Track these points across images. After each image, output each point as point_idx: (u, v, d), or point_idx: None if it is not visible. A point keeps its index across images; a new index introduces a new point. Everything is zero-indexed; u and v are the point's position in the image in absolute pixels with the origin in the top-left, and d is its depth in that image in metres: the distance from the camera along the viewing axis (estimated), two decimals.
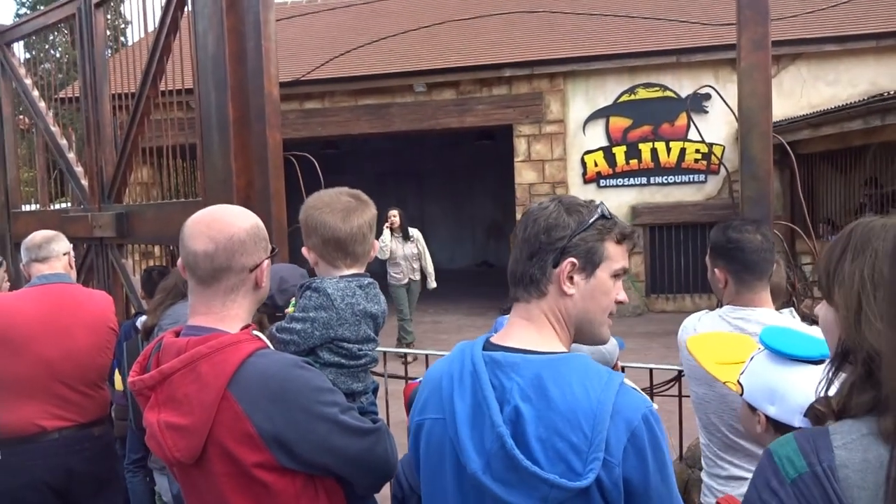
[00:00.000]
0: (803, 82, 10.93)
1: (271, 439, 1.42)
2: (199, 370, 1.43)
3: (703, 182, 11.23)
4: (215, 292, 1.52)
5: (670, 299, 11.45)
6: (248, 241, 1.53)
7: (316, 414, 1.45)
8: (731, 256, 2.19)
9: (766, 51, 2.65)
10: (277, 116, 3.03)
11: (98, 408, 2.99)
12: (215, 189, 3.02)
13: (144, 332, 2.73)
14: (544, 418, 1.19)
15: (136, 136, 3.84)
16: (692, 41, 10.94)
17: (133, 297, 3.88)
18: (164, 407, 1.46)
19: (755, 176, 2.73)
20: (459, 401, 1.26)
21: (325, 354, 1.62)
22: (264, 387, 1.42)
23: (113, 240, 3.97)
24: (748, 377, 1.59)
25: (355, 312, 1.62)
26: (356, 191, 1.76)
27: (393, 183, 17.68)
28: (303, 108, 11.99)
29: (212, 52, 3.00)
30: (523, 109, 11.49)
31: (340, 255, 1.69)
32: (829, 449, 0.99)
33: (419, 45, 12.19)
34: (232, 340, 1.46)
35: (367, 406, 1.72)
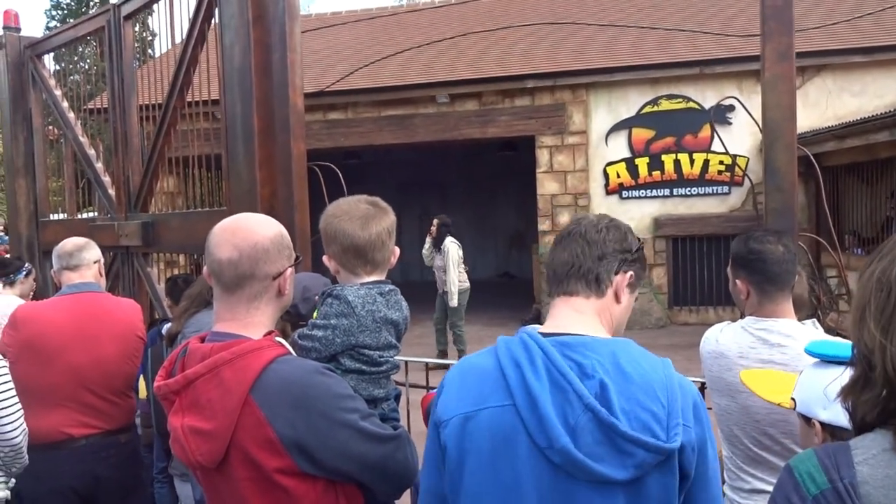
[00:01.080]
0: (829, 93, 10.82)
1: (292, 445, 1.43)
2: (222, 376, 1.45)
3: (726, 194, 11.14)
4: (239, 299, 1.54)
5: (693, 311, 11.34)
6: (272, 249, 1.54)
7: (337, 420, 1.46)
8: (753, 268, 2.17)
9: (790, 62, 2.63)
10: (302, 127, 3.06)
11: (124, 415, 3.02)
12: (240, 198, 3.06)
13: (168, 339, 2.76)
14: (625, 391, 1.26)
15: (163, 146, 3.90)
16: (715, 52, 10.88)
17: (157, 305, 3.92)
18: (188, 411, 1.48)
19: (780, 188, 2.71)
20: (536, 382, 1.27)
21: (346, 361, 1.63)
22: (286, 393, 1.44)
23: (139, 248, 4.02)
24: (799, 389, 1.59)
25: (376, 319, 1.63)
26: (375, 198, 1.77)
27: (415, 193, 17.73)
28: (326, 118, 12.08)
29: (238, 63, 3.04)
30: (546, 120, 11.48)
31: (360, 262, 1.70)
32: (849, 465, 0.98)
33: (442, 56, 12.25)
34: (254, 347, 1.48)
35: (389, 413, 1.72)
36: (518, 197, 16.81)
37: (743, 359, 2.15)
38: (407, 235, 18.11)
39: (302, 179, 3.05)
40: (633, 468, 1.21)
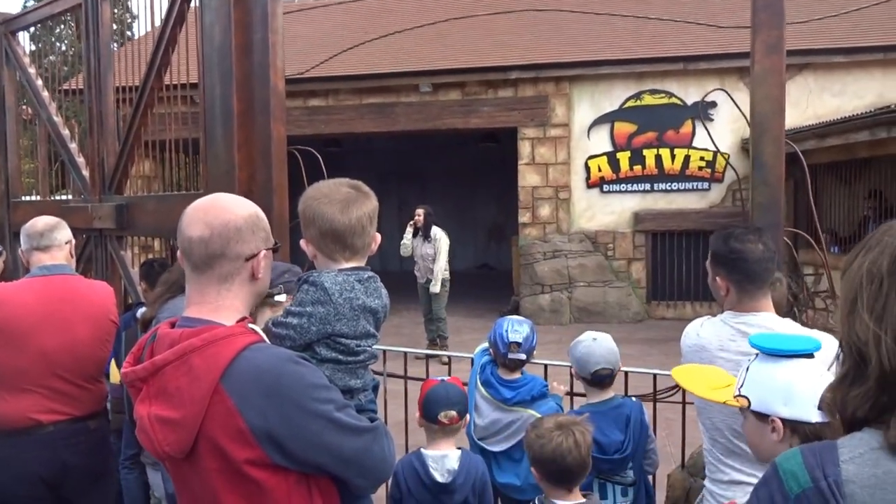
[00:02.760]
0: (809, 92, 10.90)
1: (263, 436, 1.39)
2: (191, 363, 1.40)
3: (706, 190, 11.20)
4: (209, 280, 1.50)
5: (671, 306, 11.41)
6: (245, 229, 1.51)
7: (310, 411, 1.42)
8: (733, 266, 2.18)
9: (780, 55, 2.61)
10: (282, 109, 2.99)
11: (94, 401, 2.95)
12: (217, 181, 2.99)
13: (142, 325, 2.70)
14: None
15: (139, 127, 3.81)
16: (699, 49, 10.92)
17: (131, 290, 3.85)
18: (156, 400, 1.43)
19: (766, 182, 2.70)
20: None
21: (321, 350, 1.58)
22: (257, 382, 1.39)
23: (112, 231, 3.94)
24: (751, 386, 1.55)
25: (354, 307, 1.58)
26: (357, 182, 1.70)
27: (396, 183, 17.65)
28: (307, 105, 11.96)
29: (218, 43, 2.97)
30: (528, 112, 11.47)
31: (339, 247, 1.63)
32: (835, 463, 0.96)
33: (426, 44, 12.17)
34: (226, 333, 1.43)
35: (366, 404, 1.67)
36: (499, 189, 16.80)
37: (723, 351, 2.16)
38: (386, 225, 18.03)
39: (281, 163, 2.98)
40: None
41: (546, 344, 3.48)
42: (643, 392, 3.57)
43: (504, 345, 3.01)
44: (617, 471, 2.85)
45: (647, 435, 2.91)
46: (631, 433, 2.81)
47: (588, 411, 2.76)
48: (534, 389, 3.01)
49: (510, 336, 3.02)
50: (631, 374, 3.42)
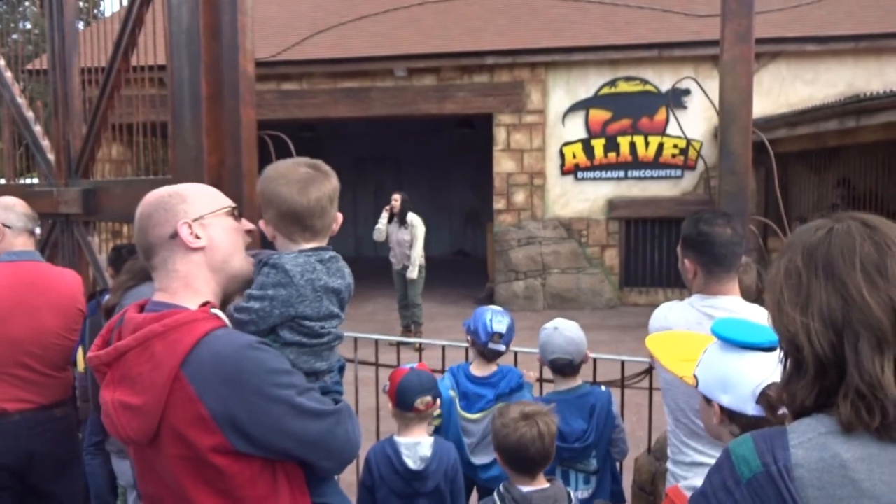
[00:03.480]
0: (782, 81, 11.02)
1: (225, 422, 1.39)
2: (153, 349, 1.41)
3: (679, 177, 11.30)
4: (157, 270, 1.56)
5: (643, 293, 11.53)
6: (155, 213, 1.54)
7: (271, 396, 1.42)
8: (701, 249, 2.24)
9: (749, 44, 2.64)
10: (252, 94, 2.96)
11: (61, 389, 2.92)
12: (186, 167, 2.95)
13: (105, 313, 2.67)
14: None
15: (106, 109, 3.75)
16: (674, 36, 10.97)
17: (99, 276, 3.80)
18: (119, 385, 1.43)
19: (734, 171, 2.73)
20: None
21: (285, 333, 1.57)
22: (218, 368, 1.40)
23: (79, 216, 3.88)
24: (702, 368, 1.60)
25: (316, 288, 1.56)
26: (316, 161, 1.68)
27: (371, 168, 17.58)
28: (280, 88, 11.84)
29: (186, 24, 2.92)
30: (504, 98, 11.46)
31: (298, 229, 1.61)
32: (784, 448, 1.00)
33: (401, 28, 12.09)
34: (188, 319, 1.43)
35: (331, 385, 1.67)
36: (474, 175, 16.80)
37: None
38: (362, 210, 17.97)
39: (251, 148, 2.95)
40: None
41: (520, 331, 3.49)
42: (612, 378, 3.62)
43: (487, 334, 2.97)
44: (579, 459, 2.86)
45: (614, 424, 2.92)
46: (595, 422, 2.83)
47: (553, 399, 2.78)
48: (512, 381, 3.00)
49: (494, 326, 2.98)
50: (600, 361, 3.46)
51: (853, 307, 1.02)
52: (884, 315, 1.01)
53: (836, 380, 1.02)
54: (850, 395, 0.99)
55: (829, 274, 1.05)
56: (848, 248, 1.05)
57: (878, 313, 1.01)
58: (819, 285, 1.05)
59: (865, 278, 1.03)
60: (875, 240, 1.05)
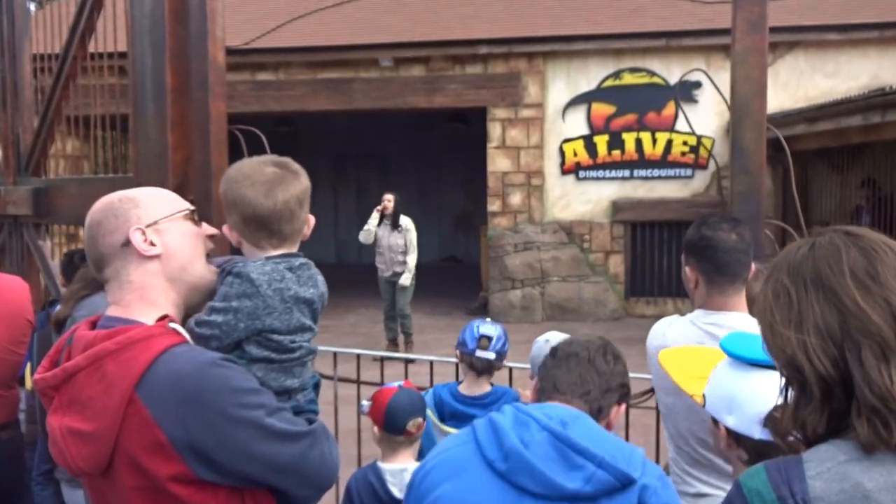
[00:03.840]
0: (800, 73, 11.09)
1: (185, 448, 1.37)
2: (105, 369, 1.39)
3: (689, 177, 11.35)
4: (110, 281, 1.56)
5: (651, 303, 11.56)
6: (105, 220, 1.55)
7: (236, 418, 1.40)
8: (702, 255, 2.22)
9: (762, 33, 2.65)
10: (222, 85, 2.95)
11: (6, 409, 2.90)
12: (148, 164, 2.94)
13: (56, 325, 2.65)
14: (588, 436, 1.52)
15: (60, 101, 3.73)
16: (683, 24, 11.03)
17: (51, 284, 3.78)
18: (68, 410, 1.41)
19: (746, 170, 2.74)
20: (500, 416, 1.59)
21: (252, 349, 1.55)
22: (177, 388, 1.38)
23: (29, 218, 3.86)
24: (709, 387, 1.61)
25: (285, 299, 1.55)
26: (285, 159, 1.66)
27: (353, 166, 17.58)
28: (255, 79, 11.83)
29: (149, 9, 2.92)
30: (499, 91, 11.49)
31: (264, 234, 1.59)
32: (801, 479, 1.00)
33: (387, 14, 12.11)
34: (143, 335, 1.42)
35: (305, 404, 1.65)
36: (466, 174, 16.82)
37: None
38: (343, 213, 17.96)
39: (221, 144, 2.94)
40: (583, 480, 1.32)
41: (516, 344, 3.48)
42: None
43: (473, 339, 2.95)
44: None
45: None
46: None
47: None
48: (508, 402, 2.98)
49: (480, 329, 2.97)
50: None
51: (849, 316, 1.04)
52: (882, 320, 1.03)
53: (845, 400, 1.03)
54: (864, 412, 1.00)
55: (818, 286, 1.08)
56: (834, 258, 1.09)
57: (876, 319, 1.03)
58: (810, 300, 1.08)
59: (857, 284, 1.06)
60: (860, 246, 1.09)
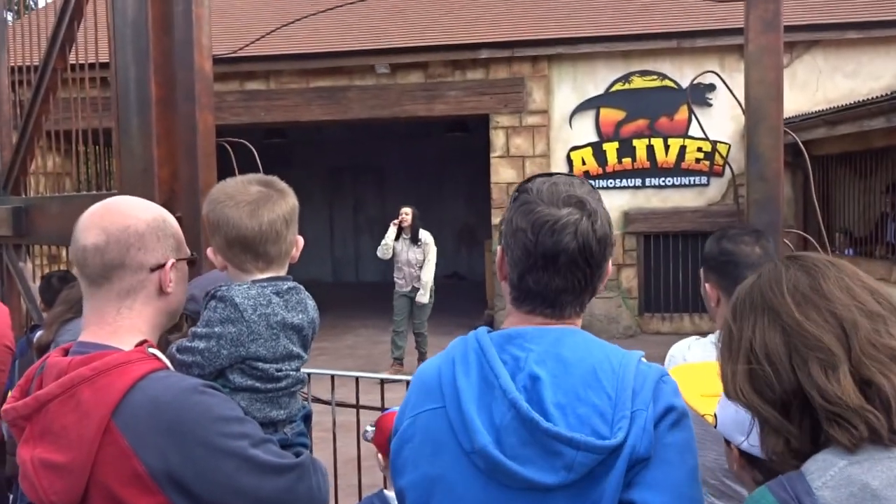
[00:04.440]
0: (819, 73, 11.12)
1: (165, 479, 1.37)
2: (80, 397, 1.38)
3: (704, 185, 11.36)
4: (107, 296, 1.50)
5: (666, 319, 11.54)
6: (148, 235, 1.51)
7: (219, 448, 1.40)
8: (724, 271, 2.19)
9: (777, 32, 2.67)
10: (210, 96, 2.97)
11: None
12: (133, 180, 2.96)
13: (38, 350, 2.66)
14: (563, 384, 1.27)
15: (40, 115, 3.76)
16: (695, 24, 11.07)
17: (32, 308, 3.79)
18: (40, 441, 1.40)
19: (763, 176, 2.75)
20: (464, 379, 1.32)
21: (235, 377, 1.55)
22: (156, 417, 1.38)
23: (8, 239, 3.88)
24: (719, 407, 1.60)
25: (271, 325, 1.55)
26: (270, 177, 1.67)
27: (349, 179, 17.62)
28: (244, 89, 11.89)
29: (132, 17, 2.94)
30: (502, 97, 11.53)
31: (249, 257, 1.61)
32: (809, 492, 1.05)
33: (383, 18, 12.18)
34: (120, 361, 1.42)
35: (292, 437, 1.65)
36: (469, 185, 16.85)
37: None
38: (339, 229, 18.00)
39: (209, 158, 2.96)
40: (564, 470, 1.22)
41: None
42: None
43: None
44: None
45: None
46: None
47: None
48: None
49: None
50: None
51: (792, 334, 1.15)
52: (825, 332, 1.13)
53: (809, 413, 1.12)
54: (829, 417, 1.08)
55: (763, 310, 1.20)
56: (776, 280, 1.21)
57: (815, 332, 1.13)
58: (752, 325, 1.19)
59: (797, 301, 1.17)
60: (802, 265, 1.21)
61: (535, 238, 1.32)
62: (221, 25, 10.69)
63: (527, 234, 1.32)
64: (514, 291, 1.40)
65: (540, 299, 1.37)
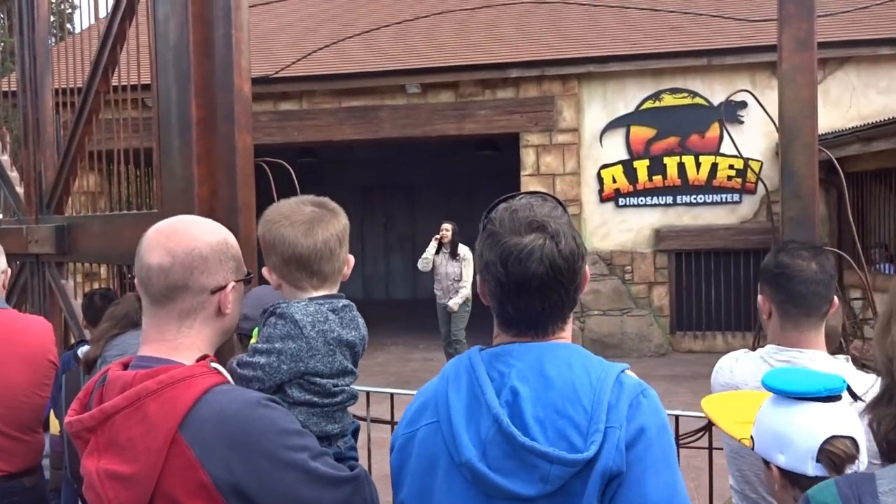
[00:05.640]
0: (852, 90, 11.03)
1: (229, 490, 1.41)
2: (146, 410, 1.42)
3: (737, 202, 11.28)
4: (169, 315, 1.53)
5: (698, 337, 11.44)
6: (212, 258, 1.54)
7: (282, 460, 1.44)
8: (777, 284, 2.17)
9: (811, 51, 2.67)
10: (248, 117, 3.02)
11: (31, 455, 2.94)
12: (174, 199, 3.01)
13: (86, 365, 2.71)
14: (542, 398, 1.33)
15: (83, 137, 3.84)
16: (726, 41, 11.04)
17: (73, 324, 3.85)
18: (106, 452, 1.44)
19: (798, 194, 2.74)
20: (454, 396, 1.39)
21: (294, 392, 1.60)
22: (221, 429, 1.42)
23: (51, 257, 3.95)
24: (756, 427, 1.61)
25: (328, 341, 1.60)
26: (323, 199, 1.73)
27: (380, 197, 17.69)
28: (277, 109, 12.03)
29: (174, 41, 3.01)
30: (532, 116, 11.56)
31: (305, 275, 1.66)
32: (873, 494, 1.03)
33: (413, 39, 12.27)
34: (185, 375, 1.46)
35: (346, 451, 1.70)
36: None
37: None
38: (370, 246, 18.07)
39: (248, 178, 3.01)
40: (540, 482, 1.27)
41: None
42: None
43: None
44: None
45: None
46: None
47: None
48: None
49: None
50: None
51: None
52: None
53: None
54: None
55: None
56: None
57: None
58: None
59: None
60: None
61: (504, 270, 1.38)
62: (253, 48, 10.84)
63: (496, 266, 1.39)
64: (498, 318, 1.47)
65: (523, 325, 1.43)
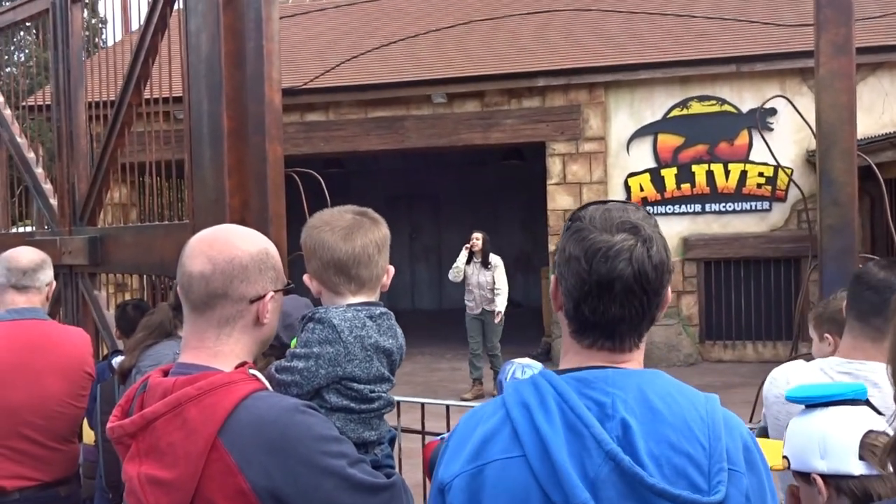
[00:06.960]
0: (885, 96, 10.90)
1: (268, 496, 1.42)
2: (186, 415, 1.44)
3: (767, 210, 11.17)
4: (209, 322, 1.55)
5: (728, 347, 11.32)
6: (252, 268, 1.55)
7: (321, 467, 1.44)
8: (855, 293, 2.13)
9: (849, 56, 2.64)
10: (279, 128, 3.05)
11: (66, 464, 2.97)
12: (205, 210, 3.04)
13: (120, 375, 2.72)
14: (654, 433, 1.22)
15: (116, 149, 3.88)
16: (755, 48, 10.96)
17: (106, 335, 3.89)
18: (147, 458, 1.46)
19: (837, 201, 2.71)
20: (547, 427, 1.24)
21: (331, 397, 1.61)
22: (260, 435, 1.43)
23: (85, 268, 4.00)
24: (789, 444, 1.61)
25: (365, 347, 1.61)
26: (365, 208, 1.79)
27: (406, 207, 17.72)
28: (304, 120, 12.11)
29: (205, 53, 3.04)
30: (558, 125, 11.53)
31: (343, 279, 1.69)
32: None
33: (438, 49, 12.31)
34: (224, 381, 1.47)
35: (382, 458, 1.70)
36: (525, 213, 16.82)
37: None
38: (395, 255, 18.04)
39: (278, 188, 3.03)
40: None
41: None
42: None
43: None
44: None
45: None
46: None
47: None
48: None
49: (516, 375, 2.93)
50: None
51: None
52: None
53: None
54: None
55: None
56: None
57: None
58: None
59: None
60: None
61: (588, 265, 1.28)
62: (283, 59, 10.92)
63: (580, 261, 1.29)
64: (572, 323, 1.35)
65: (598, 331, 1.31)
